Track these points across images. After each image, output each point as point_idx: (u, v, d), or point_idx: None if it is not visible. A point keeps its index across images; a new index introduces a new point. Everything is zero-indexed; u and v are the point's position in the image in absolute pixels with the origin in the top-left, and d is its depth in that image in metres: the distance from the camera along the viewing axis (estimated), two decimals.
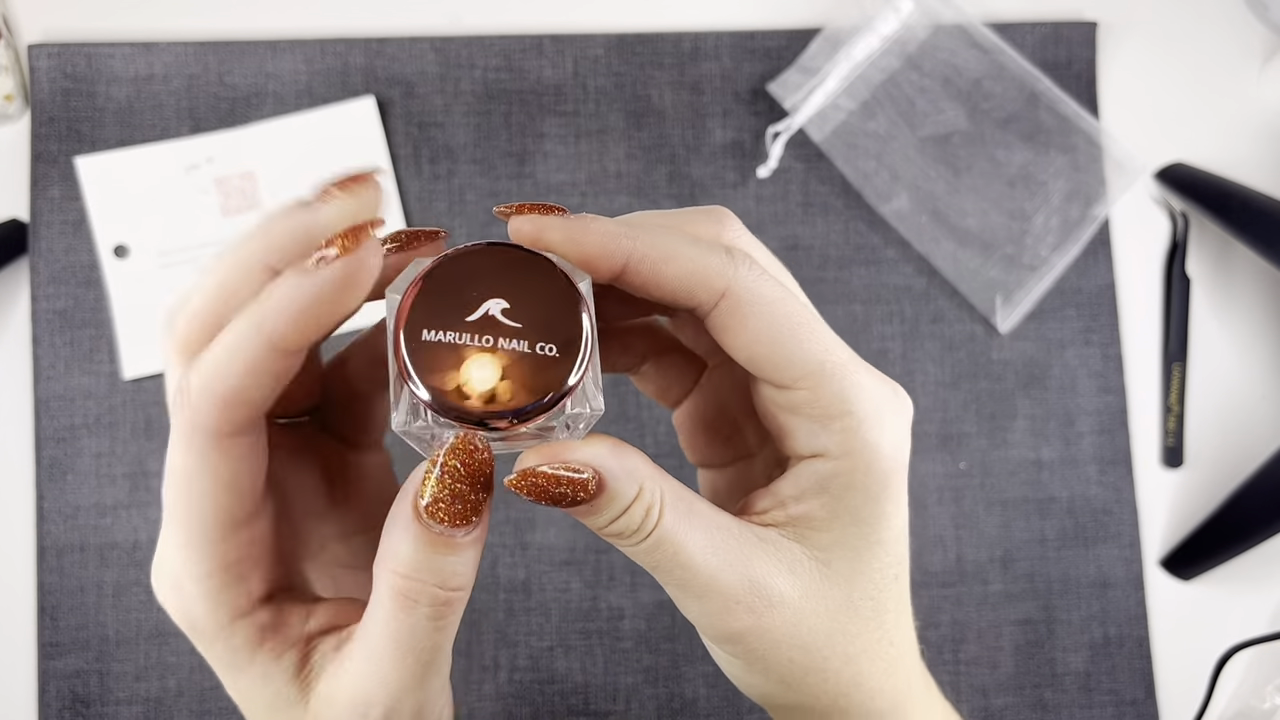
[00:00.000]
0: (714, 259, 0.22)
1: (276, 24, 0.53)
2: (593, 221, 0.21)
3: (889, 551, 0.24)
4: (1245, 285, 0.55)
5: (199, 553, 0.21)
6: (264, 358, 0.20)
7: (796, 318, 0.22)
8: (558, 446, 0.21)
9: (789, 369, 0.22)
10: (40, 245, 0.51)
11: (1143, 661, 0.52)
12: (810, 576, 0.23)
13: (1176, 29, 0.57)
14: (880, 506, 0.23)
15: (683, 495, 0.22)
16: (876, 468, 0.23)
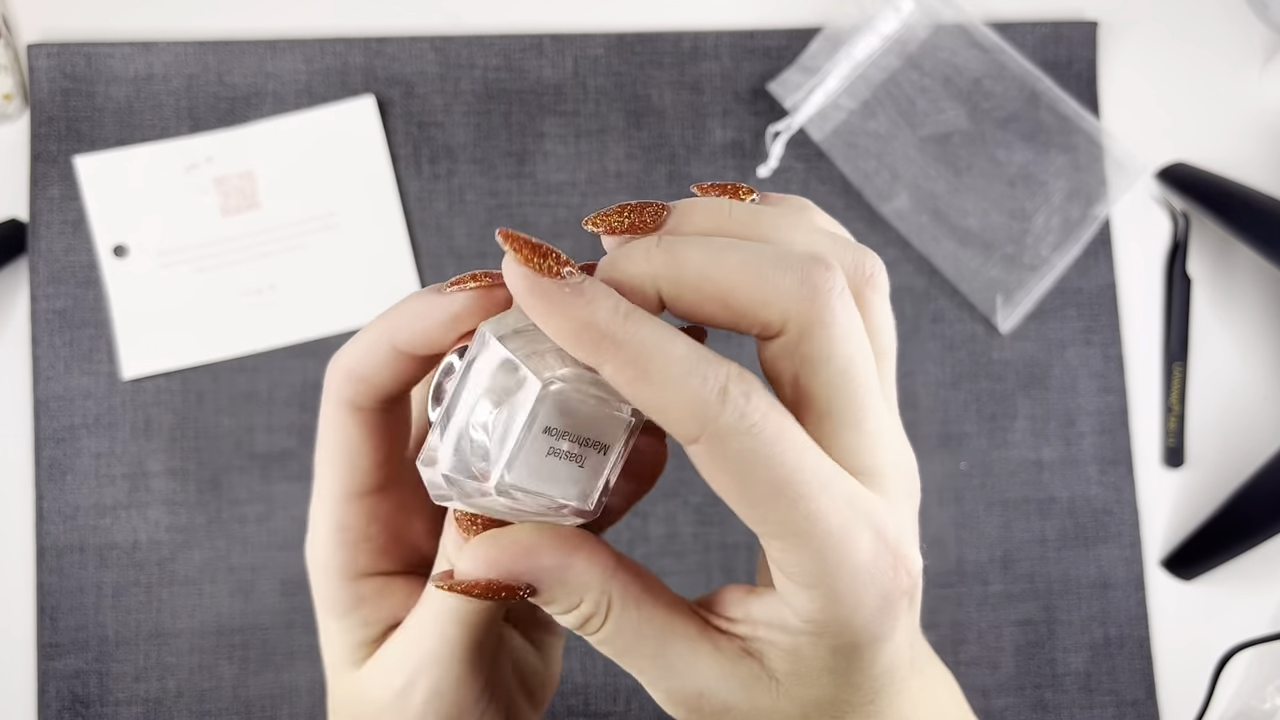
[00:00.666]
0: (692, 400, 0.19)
1: (276, 23, 0.53)
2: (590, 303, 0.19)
3: (863, 691, 0.22)
4: (1246, 285, 0.55)
5: (324, 508, 0.25)
6: (384, 350, 0.23)
7: (782, 477, 0.19)
8: (499, 556, 0.21)
9: (762, 525, 0.20)
10: (39, 245, 0.51)
11: (1143, 662, 0.52)
12: (764, 693, 0.22)
13: (1177, 28, 0.57)
14: (854, 664, 0.22)
15: (638, 600, 0.22)
16: (846, 638, 0.21)
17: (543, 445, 0.20)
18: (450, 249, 0.52)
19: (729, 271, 0.19)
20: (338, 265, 0.51)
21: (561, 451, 0.20)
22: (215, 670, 0.49)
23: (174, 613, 0.49)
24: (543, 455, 0.20)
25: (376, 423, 0.24)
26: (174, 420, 0.50)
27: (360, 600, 0.25)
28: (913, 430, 0.52)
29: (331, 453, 0.24)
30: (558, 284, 0.19)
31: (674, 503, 0.51)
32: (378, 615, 0.25)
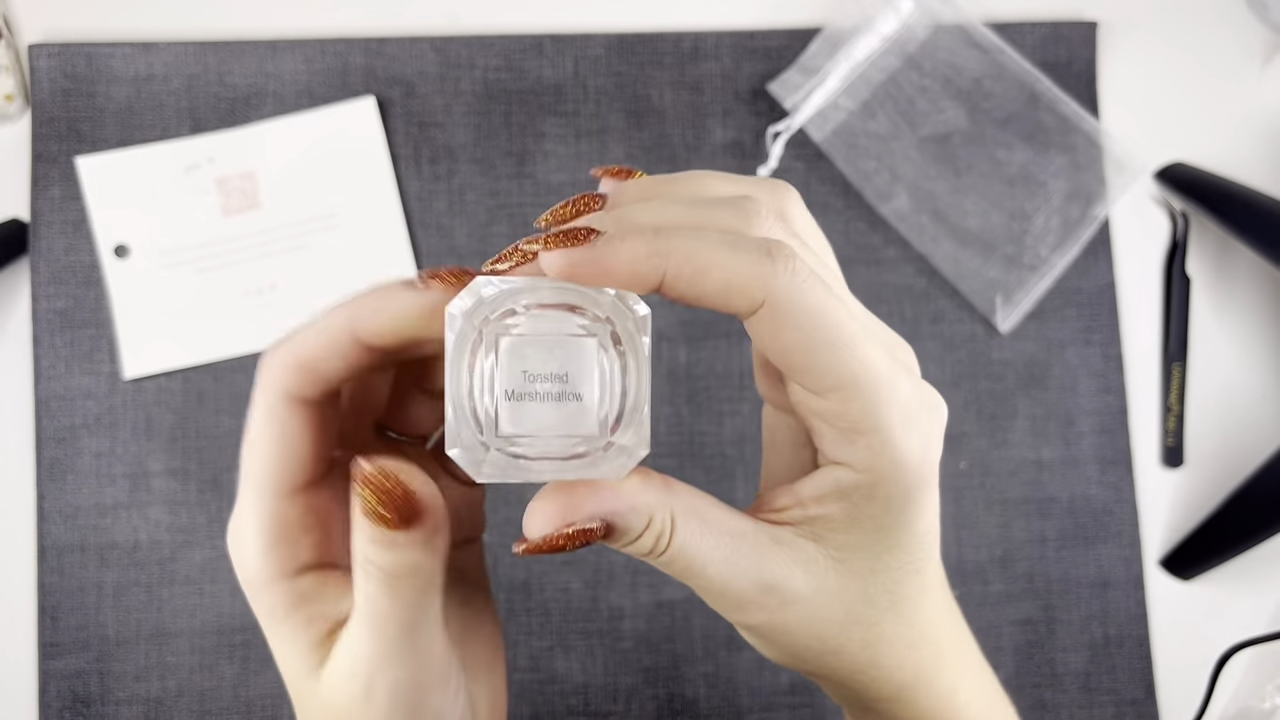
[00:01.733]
0: (751, 268, 0.21)
1: (276, 24, 0.53)
2: (622, 244, 0.21)
3: (908, 552, 0.25)
4: (1245, 285, 0.55)
5: (258, 505, 0.24)
6: (342, 340, 0.23)
7: (835, 329, 0.22)
8: (567, 504, 0.22)
9: (821, 380, 0.22)
10: (40, 245, 0.51)
11: (1143, 661, 0.52)
12: (825, 574, 0.24)
13: (1177, 29, 0.57)
14: (902, 515, 0.24)
15: (695, 508, 0.23)
16: (899, 482, 0.24)
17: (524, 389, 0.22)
18: (451, 249, 0.52)
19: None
20: (338, 265, 0.51)
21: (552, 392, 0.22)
22: (216, 670, 0.49)
23: (175, 612, 0.49)
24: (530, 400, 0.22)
25: (317, 415, 0.24)
26: (175, 420, 0.50)
27: (302, 598, 0.25)
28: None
29: (269, 447, 0.24)
30: (595, 246, 0.21)
31: None
32: (321, 610, 0.25)
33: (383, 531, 0.22)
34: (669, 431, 0.52)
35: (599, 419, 0.22)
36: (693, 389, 0.52)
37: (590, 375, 0.22)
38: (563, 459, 0.22)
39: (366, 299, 0.23)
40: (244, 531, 0.25)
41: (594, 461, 0.22)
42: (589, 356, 0.22)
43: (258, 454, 0.24)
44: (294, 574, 0.25)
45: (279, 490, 0.24)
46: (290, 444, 0.24)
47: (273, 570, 0.24)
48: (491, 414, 0.22)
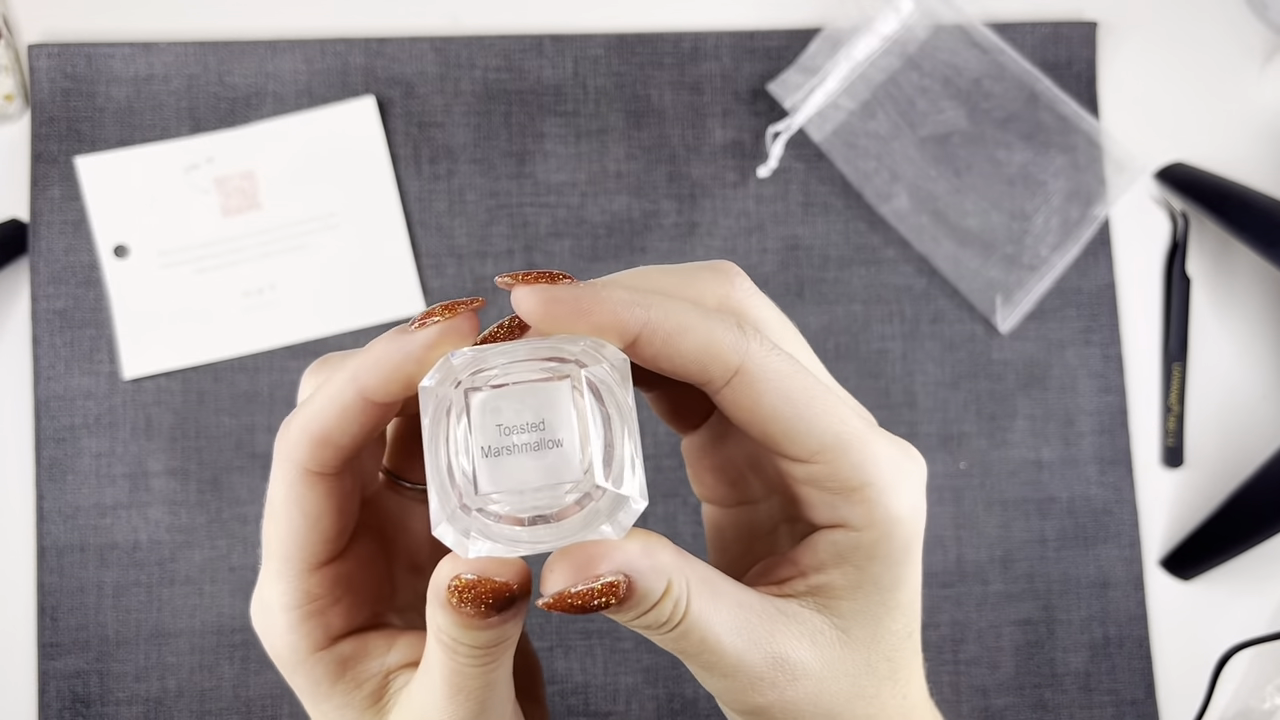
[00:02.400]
0: (728, 334, 0.21)
1: (276, 24, 0.53)
2: (602, 289, 0.21)
3: (905, 613, 0.25)
4: (1245, 285, 0.55)
5: (286, 584, 0.23)
6: (353, 405, 0.22)
7: (809, 391, 0.22)
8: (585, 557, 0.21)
9: (805, 443, 0.22)
10: (40, 245, 0.51)
11: (1143, 662, 0.52)
12: (831, 646, 0.24)
13: (1177, 29, 0.57)
14: (901, 571, 0.24)
15: (708, 578, 0.23)
16: (898, 536, 0.23)
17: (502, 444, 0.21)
18: (450, 249, 0.52)
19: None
20: (338, 265, 0.51)
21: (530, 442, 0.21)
22: (216, 670, 0.49)
23: (175, 612, 0.49)
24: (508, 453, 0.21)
25: (338, 487, 0.23)
26: (174, 420, 0.50)
27: (343, 664, 0.24)
28: (913, 430, 0.52)
29: (290, 524, 0.23)
30: (577, 287, 0.21)
31: (673, 503, 0.51)
32: (368, 669, 0.24)
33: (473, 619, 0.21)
34: (669, 432, 0.52)
35: (583, 464, 0.21)
36: None
37: (568, 418, 0.21)
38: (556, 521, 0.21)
39: (366, 353, 0.22)
40: (270, 609, 0.24)
41: (590, 518, 0.21)
42: (563, 399, 0.21)
43: (279, 531, 0.23)
44: (329, 645, 0.24)
45: (304, 568, 0.23)
46: (312, 520, 0.23)
47: (307, 647, 0.24)
48: (470, 476, 0.21)
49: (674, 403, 0.27)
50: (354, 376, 0.22)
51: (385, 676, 0.25)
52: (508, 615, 0.21)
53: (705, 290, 0.23)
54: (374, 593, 0.26)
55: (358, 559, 0.25)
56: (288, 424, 0.23)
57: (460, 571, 0.20)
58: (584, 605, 0.21)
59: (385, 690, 0.25)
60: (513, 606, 0.21)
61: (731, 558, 0.28)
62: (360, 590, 0.25)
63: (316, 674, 0.24)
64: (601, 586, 0.21)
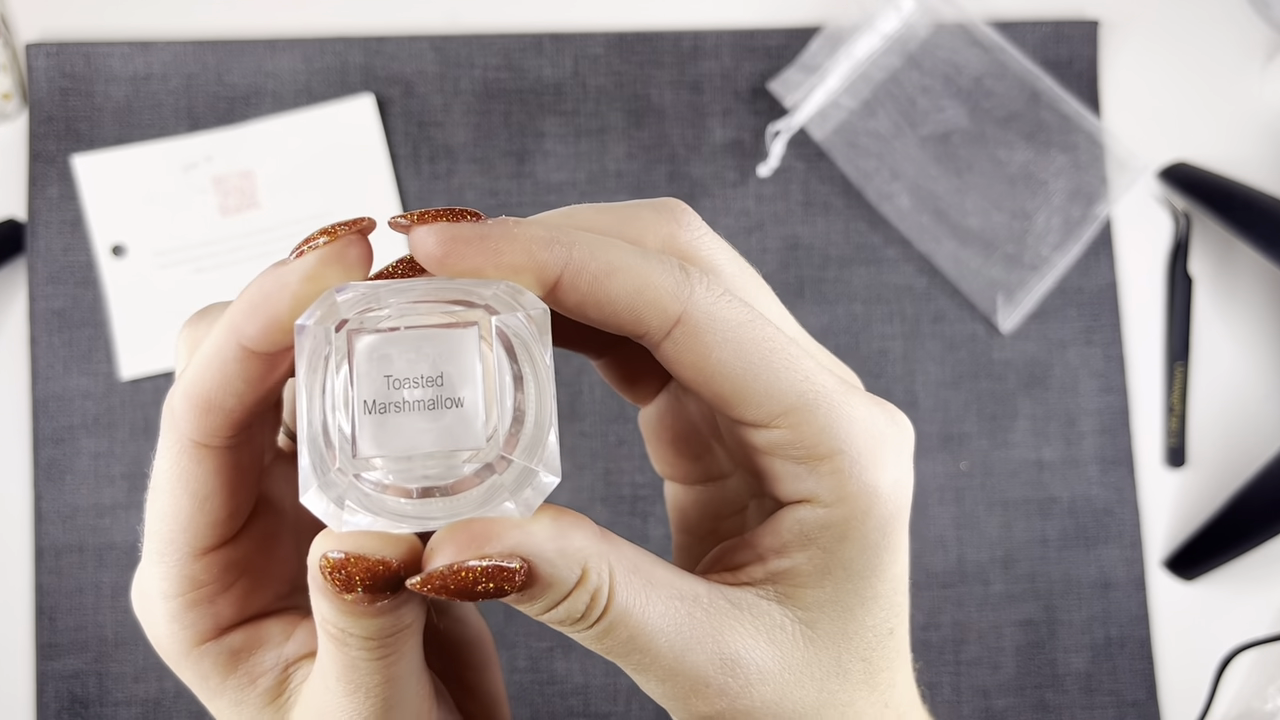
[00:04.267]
0: (666, 276, 0.18)
1: (275, 22, 0.53)
2: (515, 226, 0.18)
3: (884, 606, 0.21)
4: (1248, 285, 0.55)
5: (167, 569, 0.20)
6: (235, 359, 0.19)
7: (768, 343, 0.19)
8: (476, 533, 0.17)
9: (764, 405, 0.19)
10: (38, 244, 0.50)
11: (1145, 663, 0.52)
12: (793, 643, 0.20)
13: (1178, 28, 0.57)
14: (878, 557, 0.20)
15: (639, 565, 0.19)
16: (875, 514, 0.20)
17: (390, 399, 0.18)
18: None
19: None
20: None
21: (424, 399, 0.18)
22: None
23: None
24: (395, 413, 0.18)
25: (231, 461, 0.20)
26: None
27: (234, 657, 0.21)
28: (914, 430, 0.52)
29: (175, 506, 0.20)
30: (486, 224, 0.18)
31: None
32: (263, 665, 0.22)
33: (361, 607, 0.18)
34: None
35: (486, 430, 0.18)
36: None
37: (472, 374, 0.18)
38: (451, 495, 0.18)
39: (241, 296, 0.18)
40: (149, 597, 0.21)
41: (491, 492, 0.18)
42: (468, 350, 0.18)
43: (161, 511, 0.20)
44: (216, 636, 0.21)
45: (188, 553, 0.20)
46: (199, 500, 0.20)
47: (190, 638, 0.21)
48: (349, 436, 0.17)
49: (625, 368, 0.24)
50: (231, 325, 0.18)
51: (284, 669, 0.22)
52: (398, 600, 0.18)
53: (646, 231, 0.20)
54: (271, 575, 0.22)
55: (253, 539, 0.22)
56: (171, 393, 0.20)
57: (329, 549, 0.17)
58: (464, 589, 0.17)
59: (285, 685, 0.22)
60: (400, 589, 0.18)
61: (694, 541, 0.25)
62: (255, 574, 0.22)
63: (204, 668, 0.21)
64: (489, 568, 0.17)
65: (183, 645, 0.21)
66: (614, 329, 0.19)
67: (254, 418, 0.20)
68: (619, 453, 0.51)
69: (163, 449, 0.20)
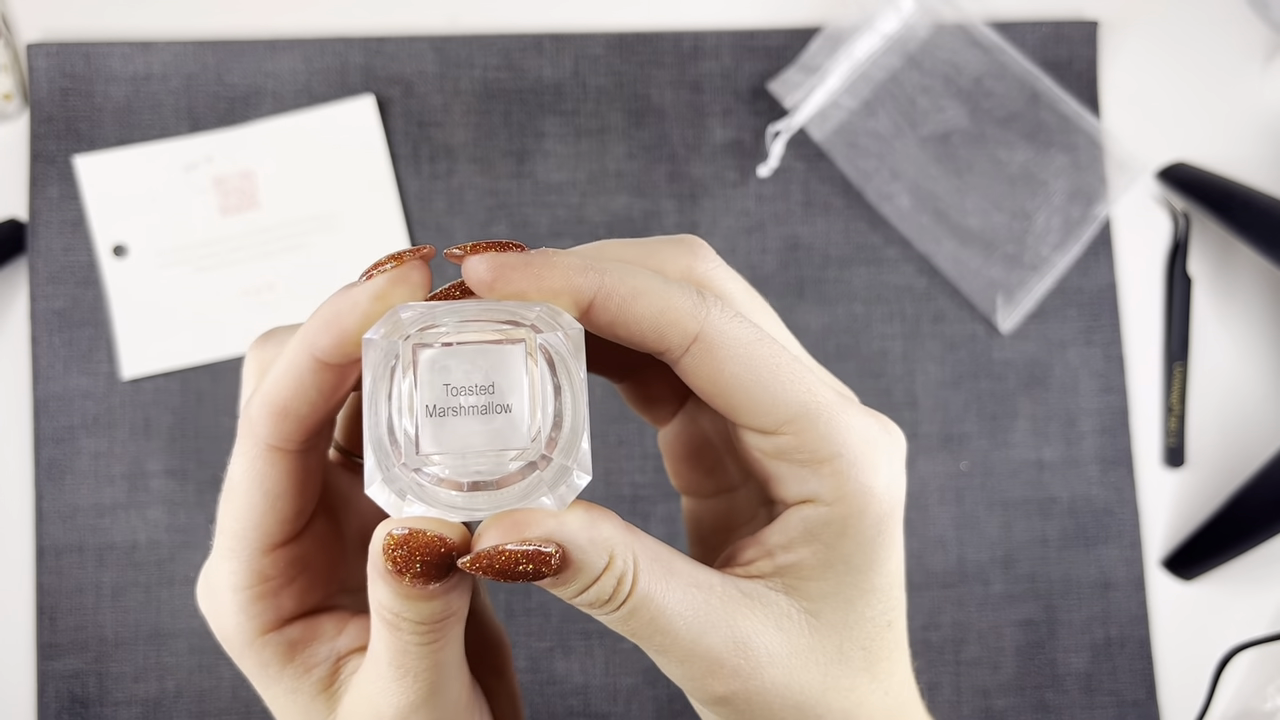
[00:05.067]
0: (685, 299, 0.21)
1: (275, 23, 0.53)
2: (555, 256, 0.21)
3: (882, 599, 0.23)
4: (1247, 285, 0.55)
5: (238, 563, 0.23)
6: (309, 370, 0.21)
7: (774, 359, 0.21)
8: (518, 520, 0.20)
9: (771, 414, 0.21)
10: (39, 244, 0.51)
11: (1144, 662, 0.52)
12: (799, 630, 0.22)
13: (1178, 28, 0.57)
14: (875, 552, 0.23)
15: (659, 555, 0.22)
16: (871, 512, 0.22)
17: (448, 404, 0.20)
18: None
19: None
20: (337, 265, 0.51)
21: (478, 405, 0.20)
22: (214, 670, 0.49)
23: (173, 613, 0.49)
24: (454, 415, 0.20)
25: (301, 465, 0.23)
26: (173, 420, 0.50)
27: (293, 648, 0.23)
28: (914, 430, 0.52)
29: (249, 504, 0.22)
30: (529, 254, 0.21)
31: (675, 503, 0.51)
32: (317, 657, 0.24)
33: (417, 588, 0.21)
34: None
35: (530, 432, 0.20)
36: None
37: (519, 384, 0.21)
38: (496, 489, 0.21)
39: (315, 314, 0.21)
40: (219, 590, 0.23)
41: (532, 487, 0.21)
42: (516, 364, 0.21)
43: (236, 509, 0.22)
44: (278, 627, 0.23)
45: (259, 548, 0.23)
46: (271, 499, 0.22)
47: (255, 628, 0.23)
48: (412, 436, 0.20)
49: (644, 391, 0.27)
50: (305, 340, 0.21)
51: (336, 661, 0.24)
52: (449, 584, 0.21)
53: (667, 262, 0.23)
54: (327, 574, 0.25)
55: (312, 539, 0.24)
56: (249, 401, 0.22)
57: (393, 527, 0.20)
58: (507, 568, 0.20)
59: (336, 676, 0.24)
60: (452, 572, 0.20)
61: (709, 549, 0.27)
62: (314, 571, 0.24)
63: (264, 656, 0.23)
64: (529, 551, 0.20)
65: (248, 635, 0.23)
66: (640, 346, 0.21)
67: (323, 425, 0.22)
68: (619, 453, 0.51)
69: (239, 454, 0.22)
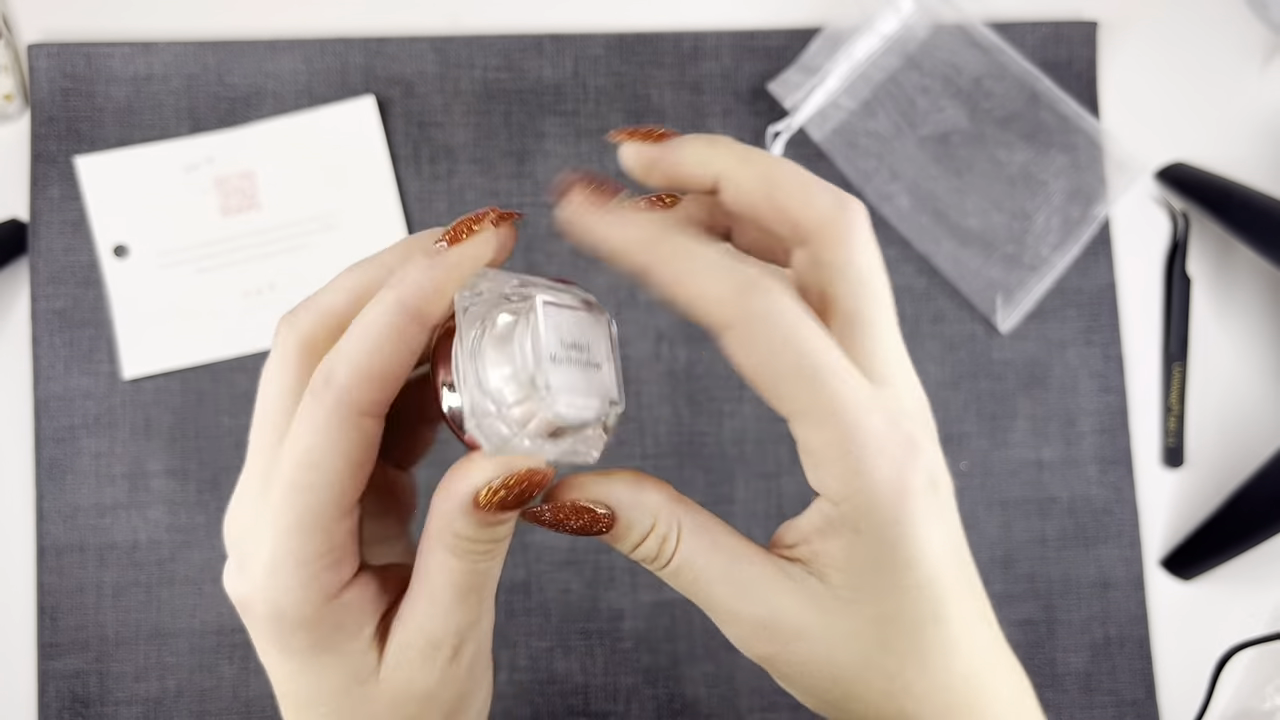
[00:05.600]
0: (723, 290, 0.22)
1: (276, 23, 0.53)
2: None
3: (920, 598, 0.23)
4: (1246, 285, 0.55)
5: (310, 537, 0.23)
6: (406, 329, 0.22)
7: (807, 358, 0.22)
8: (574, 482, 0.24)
9: (785, 405, 0.22)
10: (40, 245, 0.51)
11: (1143, 662, 0.52)
12: (836, 614, 0.23)
13: (1177, 28, 0.57)
14: (893, 554, 0.23)
15: (706, 526, 0.24)
16: (875, 515, 0.22)
17: (564, 355, 0.23)
18: None
19: (785, 175, 0.23)
20: (338, 265, 0.51)
21: (581, 360, 0.23)
22: (215, 670, 0.49)
23: (174, 612, 0.49)
24: (568, 364, 0.23)
25: (377, 430, 0.23)
26: (174, 420, 0.50)
27: (347, 611, 0.24)
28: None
29: (332, 475, 0.22)
30: (613, 211, 0.23)
31: None
32: (366, 614, 0.24)
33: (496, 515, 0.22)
34: (669, 432, 0.52)
35: (619, 388, 0.24)
36: (692, 389, 0.52)
37: (604, 348, 0.24)
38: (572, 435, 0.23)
39: (406, 278, 0.22)
40: (279, 567, 0.23)
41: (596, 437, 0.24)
42: (602, 331, 0.24)
43: (314, 482, 0.22)
44: (338, 594, 0.23)
45: (337, 516, 0.23)
46: (354, 466, 0.22)
47: (320, 600, 0.23)
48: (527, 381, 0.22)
49: None
50: (400, 302, 0.22)
51: (382, 616, 0.25)
52: (514, 514, 0.23)
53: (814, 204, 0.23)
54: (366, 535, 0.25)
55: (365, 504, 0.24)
56: (330, 366, 0.22)
57: (503, 472, 0.22)
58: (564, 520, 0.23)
59: (385, 629, 0.25)
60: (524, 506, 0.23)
61: None
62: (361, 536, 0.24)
63: (325, 628, 0.23)
64: (583, 508, 0.23)
65: (312, 607, 0.23)
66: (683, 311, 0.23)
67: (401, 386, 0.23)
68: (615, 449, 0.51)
69: (322, 422, 0.22)
